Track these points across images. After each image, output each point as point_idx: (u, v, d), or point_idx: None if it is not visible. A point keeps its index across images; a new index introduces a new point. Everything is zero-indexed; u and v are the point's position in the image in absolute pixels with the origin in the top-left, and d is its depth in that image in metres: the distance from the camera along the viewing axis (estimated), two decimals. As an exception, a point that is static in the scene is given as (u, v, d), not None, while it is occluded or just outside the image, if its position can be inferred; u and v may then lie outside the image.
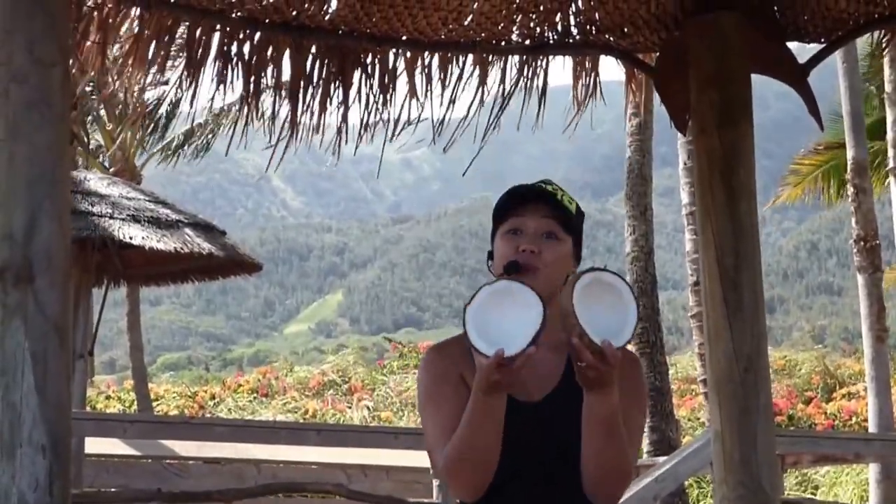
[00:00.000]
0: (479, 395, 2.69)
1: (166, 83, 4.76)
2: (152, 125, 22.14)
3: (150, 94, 18.48)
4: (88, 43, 4.28)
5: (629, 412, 2.83)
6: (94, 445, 9.15)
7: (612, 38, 4.93)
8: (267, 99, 4.78)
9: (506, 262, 2.87)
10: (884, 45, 5.20)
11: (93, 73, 4.42)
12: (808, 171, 20.35)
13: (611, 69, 5.55)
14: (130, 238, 11.11)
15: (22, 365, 3.09)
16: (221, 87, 4.64)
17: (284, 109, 4.79)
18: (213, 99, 4.68)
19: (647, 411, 3.04)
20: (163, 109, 21.33)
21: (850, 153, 14.86)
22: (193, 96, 4.61)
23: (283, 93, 4.78)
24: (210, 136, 22.28)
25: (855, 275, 14.88)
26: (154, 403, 22.26)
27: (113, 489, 9.21)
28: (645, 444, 14.51)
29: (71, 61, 3.74)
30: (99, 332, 12.27)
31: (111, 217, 11.22)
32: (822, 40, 4.92)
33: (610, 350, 2.56)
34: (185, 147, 22.68)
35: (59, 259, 3.19)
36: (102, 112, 22.02)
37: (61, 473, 3.11)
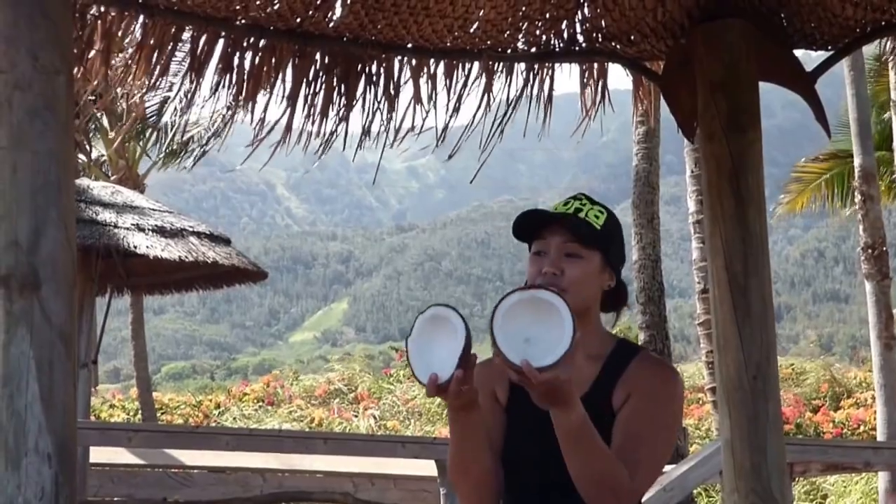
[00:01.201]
0: (449, 414, 2.81)
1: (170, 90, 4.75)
2: (156, 133, 22.13)
3: (153, 102, 18.51)
4: (92, 51, 4.27)
5: (640, 426, 2.83)
6: (99, 454, 9.13)
7: (618, 46, 4.91)
8: (270, 106, 4.77)
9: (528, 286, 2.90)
10: (890, 52, 5.19)
11: (96, 82, 4.40)
12: (811, 179, 20.32)
13: (616, 78, 5.54)
14: (135, 246, 11.09)
15: (27, 373, 3.07)
16: (225, 94, 4.63)
17: (287, 117, 4.77)
18: (216, 106, 4.67)
19: (674, 422, 2.95)
20: (166, 118, 21.35)
21: (856, 160, 14.86)
22: (191, 101, 4.60)
23: (287, 100, 4.77)
24: (213, 142, 22.22)
25: (862, 282, 14.86)
26: (158, 412, 22.26)
27: (118, 498, 9.21)
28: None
29: (74, 69, 3.73)
30: (103, 341, 12.26)
31: (115, 226, 11.20)
32: (830, 48, 4.90)
33: (528, 370, 2.55)
34: (188, 147, 22.61)
35: (64, 267, 3.18)
36: (105, 121, 22.01)
37: (67, 482, 3.09)
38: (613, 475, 2.72)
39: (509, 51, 4.93)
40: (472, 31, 4.74)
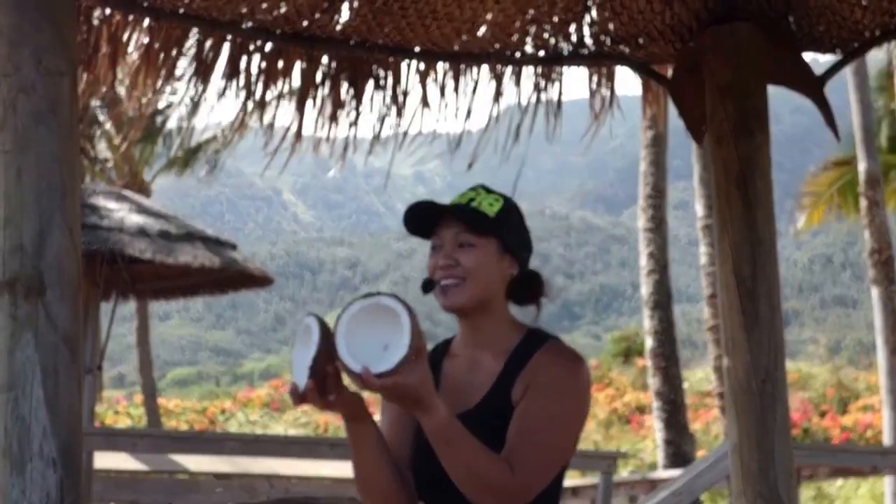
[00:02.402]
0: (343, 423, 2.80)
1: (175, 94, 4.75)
2: (162, 138, 22.11)
3: (161, 106, 18.47)
4: (98, 55, 4.25)
5: (532, 421, 2.74)
6: (104, 460, 9.11)
7: (626, 49, 4.90)
8: (277, 111, 4.75)
9: (423, 280, 2.90)
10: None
11: (103, 87, 4.38)
12: (823, 190, 20.29)
13: (624, 83, 5.52)
14: (140, 252, 11.08)
15: (32, 378, 3.05)
16: (231, 98, 4.61)
17: (294, 121, 4.76)
18: (222, 111, 4.66)
19: (573, 418, 2.81)
20: (172, 123, 21.34)
21: (861, 166, 14.86)
22: (197, 105, 4.58)
23: (294, 104, 4.75)
24: (220, 150, 22.19)
25: (869, 288, 14.86)
26: (163, 418, 22.27)
27: (123, 504, 9.18)
28: (661, 458, 14.46)
29: (79, 72, 3.71)
30: (108, 347, 12.23)
31: (120, 231, 11.18)
32: (838, 51, 4.89)
33: (365, 376, 2.54)
34: (196, 155, 22.57)
35: (69, 271, 3.16)
36: (109, 126, 21.99)
37: (72, 487, 3.08)
38: (488, 473, 2.65)
39: (517, 54, 4.92)
40: (479, 34, 4.73)
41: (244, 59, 4.60)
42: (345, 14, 4.49)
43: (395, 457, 2.87)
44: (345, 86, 4.80)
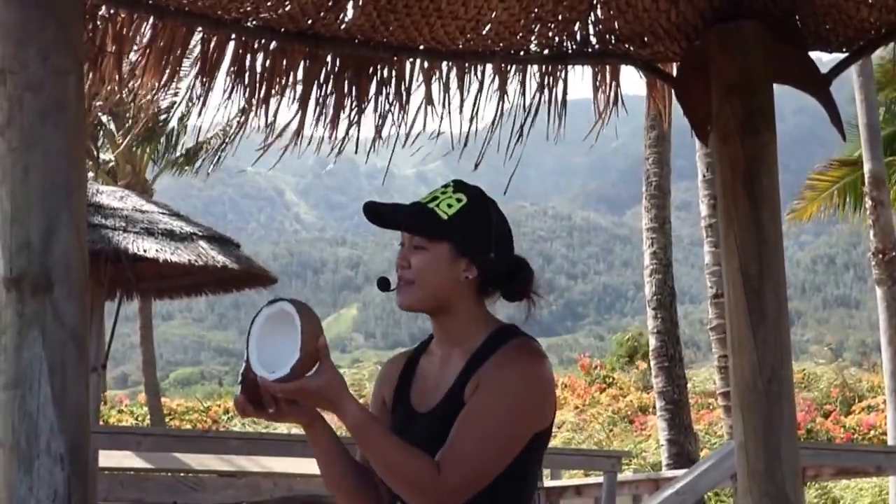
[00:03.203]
0: None
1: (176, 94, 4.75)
2: (164, 137, 22.09)
3: (164, 105, 18.44)
4: (103, 53, 4.25)
5: (471, 418, 2.70)
6: (108, 459, 9.10)
7: (631, 48, 4.90)
8: (281, 109, 4.75)
9: (378, 279, 2.94)
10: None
11: (106, 86, 4.38)
12: (824, 187, 20.25)
13: (627, 82, 5.52)
14: (144, 251, 11.09)
15: (39, 375, 3.05)
16: (235, 97, 4.61)
17: (298, 120, 4.75)
18: (226, 109, 4.65)
19: (519, 419, 2.72)
20: (174, 122, 21.32)
21: (866, 166, 14.84)
22: (204, 105, 4.58)
23: (298, 103, 4.75)
24: (223, 148, 22.14)
25: (873, 288, 14.85)
26: (167, 418, 22.27)
27: (127, 503, 9.18)
28: (664, 458, 14.45)
29: (85, 69, 3.71)
30: (110, 347, 12.24)
31: (125, 230, 11.20)
32: (844, 50, 4.88)
33: (263, 383, 2.58)
34: (199, 156, 22.52)
35: (76, 269, 3.16)
36: (112, 126, 21.97)
37: (80, 484, 3.07)
38: (410, 471, 2.64)
39: (522, 53, 4.91)
40: (484, 33, 4.72)
41: (248, 57, 4.59)
42: (349, 12, 4.49)
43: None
44: (348, 84, 4.80)
